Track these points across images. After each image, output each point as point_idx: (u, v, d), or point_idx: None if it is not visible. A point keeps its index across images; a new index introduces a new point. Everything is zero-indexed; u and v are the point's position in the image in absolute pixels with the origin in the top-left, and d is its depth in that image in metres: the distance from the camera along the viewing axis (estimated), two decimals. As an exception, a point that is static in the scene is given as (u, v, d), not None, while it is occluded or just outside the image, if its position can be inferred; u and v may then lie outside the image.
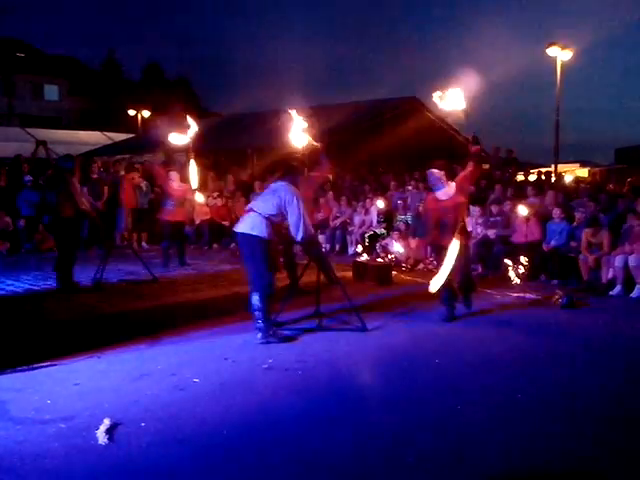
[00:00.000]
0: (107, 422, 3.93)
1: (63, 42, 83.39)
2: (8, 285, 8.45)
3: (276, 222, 5.95)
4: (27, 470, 3.37)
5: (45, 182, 11.96)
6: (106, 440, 3.71)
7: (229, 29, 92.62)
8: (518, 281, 9.07)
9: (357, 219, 12.48)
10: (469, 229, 10.54)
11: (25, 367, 5.05)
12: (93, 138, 25.50)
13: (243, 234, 5.92)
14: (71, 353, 5.44)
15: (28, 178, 13.27)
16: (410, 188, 12.94)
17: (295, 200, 5.86)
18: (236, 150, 17.64)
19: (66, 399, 4.41)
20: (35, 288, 8.27)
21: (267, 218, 5.86)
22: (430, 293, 6.69)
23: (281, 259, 7.75)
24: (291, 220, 5.88)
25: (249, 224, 5.91)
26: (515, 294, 8.39)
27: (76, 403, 4.33)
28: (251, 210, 6.01)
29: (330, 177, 8.43)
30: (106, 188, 13.03)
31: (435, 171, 6.87)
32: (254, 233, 5.83)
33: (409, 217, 11.89)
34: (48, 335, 6.02)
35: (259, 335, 5.84)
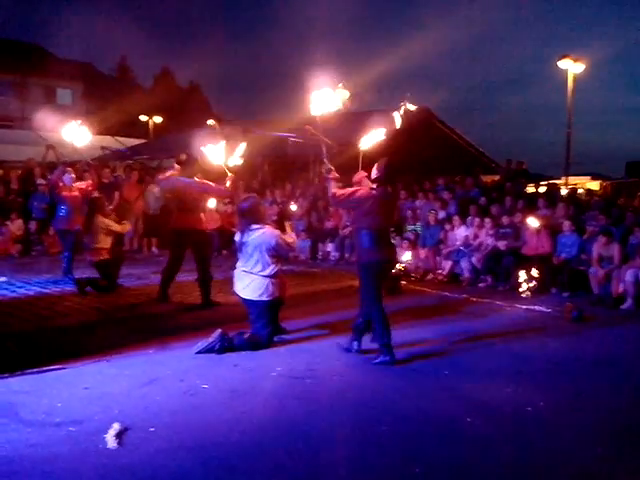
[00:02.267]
0: (116, 427, 3.94)
1: (76, 47, 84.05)
2: (19, 287, 8.50)
3: (280, 269, 6.11)
4: (37, 473, 3.38)
5: None
6: (115, 445, 3.72)
7: (241, 36, 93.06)
8: (528, 293, 9.05)
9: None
10: (477, 240, 10.55)
11: (35, 370, 5.07)
12: (105, 143, 25.58)
13: (251, 300, 6.01)
14: (80, 357, 5.47)
15: (40, 181, 13.37)
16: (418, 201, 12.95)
17: (278, 242, 6.02)
18: (247, 157, 17.69)
19: (76, 403, 4.43)
20: (46, 291, 8.31)
21: (271, 276, 6.00)
22: (439, 303, 6.66)
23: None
24: (284, 254, 6.28)
25: (254, 289, 5.98)
26: (525, 306, 8.37)
27: (86, 407, 4.34)
28: (246, 272, 6.03)
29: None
30: (117, 193, 13.10)
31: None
32: (264, 299, 5.96)
33: (419, 227, 11.89)
34: (58, 338, 6.06)
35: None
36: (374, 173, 5.70)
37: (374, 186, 5.68)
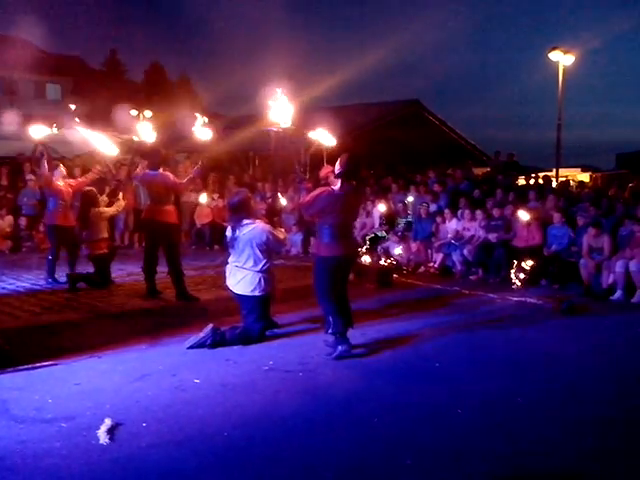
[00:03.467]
0: (108, 422, 3.94)
1: (66, 42, 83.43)
2: (10, 284, 8.47)
3: (270, 264, 6.11)
4: (29, 469, 3.38)
5: None
6: (107, 440, 3.73)
7: (232, 29, 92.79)
8: (519, 285, 9.09)
9: (358, 221, 12.46)
10: (470, 233, 10.58)
11: (26, 366, 5.07)
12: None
13: (244, 295, 6.01)
14: (72, 353, 5.47)
15: (30, 177, 13.29)
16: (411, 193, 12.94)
17: (269, 237, 6.02)
18: (238, 152, 17.64)
19: (67, 399, 4.43)
20: (36, 287, 8.28)
21: (263, 271, 6.00)
22: (430, 296, 6.68)
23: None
24: (276, 249, 6.42)
25: (246, 285, 5.98)
26: (516, 298, 8.40)
27: (77, 403, 4.34)
28: (238, 267, 6.03)
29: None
30: (107, 188, 13.02)
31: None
32: (257, 294, 5.97)
33: (410, 219, 11.90)
34: (49, 334, 6.03)
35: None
36: (337, 169, 5.60)
37: (337, 183, 5.57)
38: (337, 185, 5.58)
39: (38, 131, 8.25)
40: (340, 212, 5.58)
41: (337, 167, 5.60)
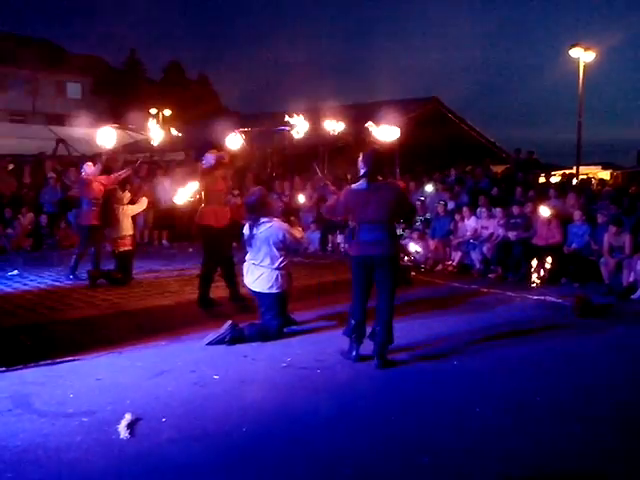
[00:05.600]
0: (128, 417, 3.99)
1: (86, 41, 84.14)
2: (31, 280, 8.58)
3: (287, 261, 6.17)
4: (51, 463, 3.43)
5: None
6: (127, 435, 3.77)
7: (248, 28, 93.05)
8: (538, 283, 9.03)
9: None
10: (488, 231, 10.52)
11: (48, 361, 5.14)
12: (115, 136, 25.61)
13: (262, 293, 6.06)
14: (93, 348, 5.53)
15: (51, 175, 13.44)
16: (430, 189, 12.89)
17: (286, 235, 6.08)
18: (256, 149, 17.68)
19: (88, 394, 4.49)
20: (57, 284, 8.37)
21: (280, 268, 6.05)
22: (448, 294, 6.65)
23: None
24: (293, 248, 6.42)
25: (264, 282, 6.04)
26: (535, 297, 8.35)
27: (98, 398, 4.40)
28: (255, 265, 6.08)
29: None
30: (128, 185, 13.11)
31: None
32: (274, 291, 6.02)
33: (428, 217, 11.86)
34: (70, 330, 6.11)
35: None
36: (360, 167, 5.41)
37: (361, 181, 5.42)
38: (359, 183, 5.46)
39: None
40: (363, 209, 5.34)
41: (360, 165, 5.43)
